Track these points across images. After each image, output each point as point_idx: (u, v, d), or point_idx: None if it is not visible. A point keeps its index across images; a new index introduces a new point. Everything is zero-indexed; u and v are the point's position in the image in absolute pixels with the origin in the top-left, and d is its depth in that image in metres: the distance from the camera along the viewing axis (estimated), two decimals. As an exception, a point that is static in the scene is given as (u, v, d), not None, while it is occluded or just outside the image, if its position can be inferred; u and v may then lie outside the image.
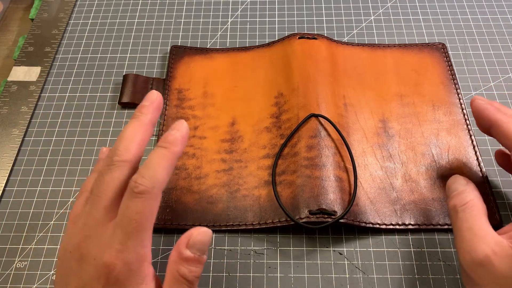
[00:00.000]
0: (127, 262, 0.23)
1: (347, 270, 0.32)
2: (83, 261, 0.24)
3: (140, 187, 0.24)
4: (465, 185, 0.29)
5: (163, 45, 0.45)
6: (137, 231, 0.23)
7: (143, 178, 0.24)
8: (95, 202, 0.25)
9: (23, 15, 0.51)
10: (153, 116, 0.28)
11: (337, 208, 0.32)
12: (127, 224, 0.23)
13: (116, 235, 0.23)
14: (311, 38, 0.41)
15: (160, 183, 0.24)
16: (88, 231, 0.24)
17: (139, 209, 0.23)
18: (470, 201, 0.27)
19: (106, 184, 0.25)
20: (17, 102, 0.41)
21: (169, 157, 0.25)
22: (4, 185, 0.37)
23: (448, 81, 0.41)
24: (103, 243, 0.24)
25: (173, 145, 0.26)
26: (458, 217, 0.27)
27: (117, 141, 0.26)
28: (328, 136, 0.35)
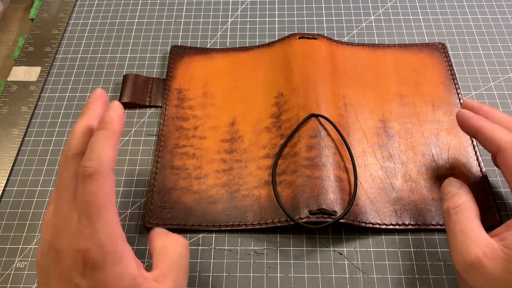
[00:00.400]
0: (99, 243, 0.23)
1: (347, 270, 0.32)
2: (58, 256, 0.24)
3: (89, 170, 0.24)
4: (459, 187, 0.29)
5: (163, 45, 0.45)
6: (98, 212, 0.24)
7: (89, 160, 0.24)
8: (59, 199, 0.25)
9: (23, 15, 0.51)
10: (100, 111, 0.28)
11: (337, 208, 0.32)
12: (86, 208, 0.24)
13: (82, 221, 0.24)
14: (311, 38, 0.41)
15: (106, 161, 0.25)
16: (58, 228, 0.25)
17: (93, 190, 0.24)
18: (462, 203, 0.28)
19: (65, 179, 0.25)
20: (17, 102, 0.41)
21: (110, 136, 0.26)
22: (4, 185, 0.37)
23: (448, 81, 0.41)
24: (72, 234, 0.24)
25: (111, 124, 0.26)
26: (451, 220, 0.28)
27: (69, 138, 0.27)
28: (328, 136, 0.35)
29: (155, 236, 0.27)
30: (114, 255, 0.24)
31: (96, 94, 0.29)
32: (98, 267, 0.23)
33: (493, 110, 0.31)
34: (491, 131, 0.29)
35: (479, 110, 0.31)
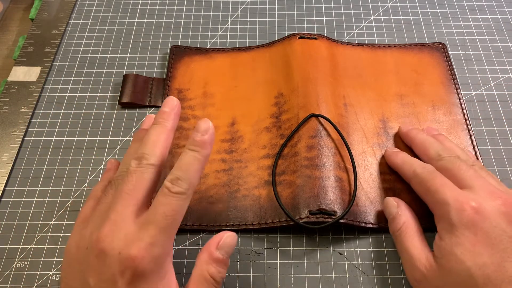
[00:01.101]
0: (155, 256, 0.24)
1: (347, 270, 0.32)
2: (105, 256, 0.24)
3: (177, 188, 0.25)
4: (396, 207, 0.31)
5: (163, 45, 0.45)
6: (170, 227, 0.24)
7: (179, 180, 0.25)
8: (124, 200, 0.25)
9: (23, 15, 0.51)
10: (174, 122, 0.29)
11: (337, 208, 0.32)
12: (161, 220, 0.24)
13: (148, 229, 0.24)
14: (311, 38, 0.41)
15: (194, 185, 0.26)
16: (113, 227, 0.24)
17: (174, 207, 0.25)
18: (403, 224, 0.30)
19: (136, 184, 0.26)
20: (17, 102, 0.41)
21: (201, 160, 0.26)
22: (4, 185, 0.37)
23: (448, 81, 0.41)
24: (130, 238, 0.24)
25: (203, 148, 0.26)
26: (397, 241, 0.30)
27: (143, 145, 0.27)
28: (328, 136, 0.35)
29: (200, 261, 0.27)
30: (161, 271, 0.24)
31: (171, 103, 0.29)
32: (145, 279, 0.24)
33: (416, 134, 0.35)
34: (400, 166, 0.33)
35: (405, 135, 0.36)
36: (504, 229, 0.26)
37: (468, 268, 0.25)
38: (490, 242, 0.26)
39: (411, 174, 0.31)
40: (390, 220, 0.31)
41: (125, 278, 0.23)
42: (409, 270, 0.29)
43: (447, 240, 0.27)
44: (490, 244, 0.26)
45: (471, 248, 0.26)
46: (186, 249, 0.33)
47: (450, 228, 0.27)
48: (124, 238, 0.24)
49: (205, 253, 0.27)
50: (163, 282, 0.25)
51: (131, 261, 0.23)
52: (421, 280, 0.27)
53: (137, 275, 0.23)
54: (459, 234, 0.26)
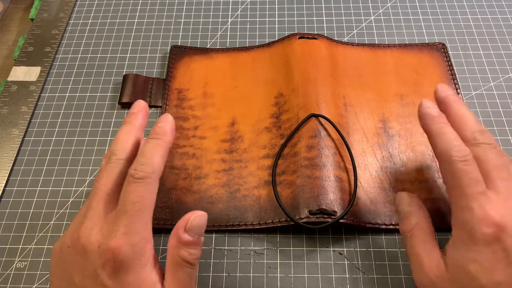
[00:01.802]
0: (132, 243, 0.24)
1: (347, 270, 0.32)
2: (86, 251, 0.24)
3: (140, 173, 0.25)
4: (409, 205, 0.29)
5: (163, 45, 0.45)
6: (140, 213, 0.25)
7: (142, 165, 0.26)
8: (95, 196, 0.26)
9: (23, 15, 0.51)
10: (143, 121, 0.30)
11: (337, 208, 0.32)
12: (130, 207, 0.25)
13: (120, 219, 0.25)
14: (311, 38, 0.41)
15: (157, 169, 0.26)
16: (89, 223, 0.25)
17: (140, 193, 0.25)
18: (415, 226, 0.28)
19: (105, 179, 0.27)
20: (17, 102, 0.41)
21: (162, 146, 0.27)
22: (4, 185, 0.37)
23: (448, 81, 0.41)
24: (106, 231, 0.25)
25: (164, 135, 0.28)
26: (407, 243, 0.29)
27: (113, 143, 0.29)
28: (328, 136, 0.35)
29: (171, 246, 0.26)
30: (142, 258, 0.25)
31: (139, 105, 0.31)
32: (126, 268, 0.24)
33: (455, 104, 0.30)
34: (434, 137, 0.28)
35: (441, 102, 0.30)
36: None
37: (482, 285, 0.24)
38: (508, 261, 0.24)
39: (444, 154, 0.27)
40: (401, 218, 0.29)
41: (107, 270, 0.24)
42: (417, 275, 0.28)
43: (463, 252, 0.25)
44: (508, 264, 0.24)
45: (488, 265, 0.24)
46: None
47: (468, 240, 0.25)
48: (100, 232, 0.25)
49: (173, 237, 0.26)
50: (146, 269, 0.25)
51: (110, 253, 0.24)
52: (429, 286, 0.26)
53: (117, 265, 0.24)
54: (477, 250, 0.25)
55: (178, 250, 0.26)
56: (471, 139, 0.28)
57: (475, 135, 0.28)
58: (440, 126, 0.28)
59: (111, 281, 0.24)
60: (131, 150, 0.28)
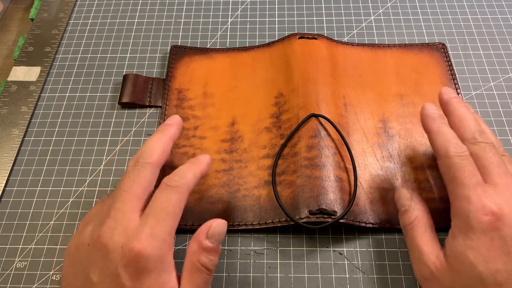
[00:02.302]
0: (156, 247, 0.24)
1: (347, 270, 0.32)
2: (108, 250, 0.24)
3: (173, 182, 0.27)
4: (409, 199, 0.30)
5: (163, 45, 0.45)
6: (167, 217, 0.25)
7: (177, 176, 0.28)
8: (122, 197, 0.26)
9: (23, 15, 0.51)
10: (174, 133, 0.31)
11: (337, 208, 0.32)
12: (159, 211, 0.25)
13: (147, 222, 0.25)
14: (311, 38, 0.41)
15: (189, 183, 0.28)
16: (112, 223, 0.25)
17: (170, 198, 0.26)
18: (415, 219, 0.29)
19: (131, 181, 0.27)
20: (17, 102, 0.41)
21: (197, 168, 0.29)
22: (4, 185, 0.37)
23: (448, 81, 0.41)
24: (131, 232, 0.25)
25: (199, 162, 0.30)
26: (407, 236, 0.29)
27: (142, 148, 0.29)
28: (328, 136, 0.35)
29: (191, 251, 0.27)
30: (163, 264, 0.25)
31: (174, 119, 0.32)
32: (148, 270, 0.24)
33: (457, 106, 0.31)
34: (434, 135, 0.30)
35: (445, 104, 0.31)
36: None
37: (480, 272, 0.25)
38: (507, 250, 0.25)
39: (442, 152, 0.28)
40: (401, 212, 0.30)
41: (129, 271, 0.24)
42: (417, 267, 0.28)
43: (461, 241, 0.26)
44: (506, 252, 0.25)
45: (486, 253, 0.25)
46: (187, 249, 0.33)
47: (466, 229, 0.26)
48: (124, 232, 0.25)
49: (195, 243, 0.27)
50: (165, 275, 0.25)
51: (133, 254, 0.24)
52: (429, 278, 0.27)
53: (140, 267, 0.24)
54: (475, 238, 0.25)
55: (198, 256, 0.26)
56: (470, 138, 0.29)
57: (474, 135, 0.29)
58: (439, 126, 0.30)
59: (131, 282, 0.24)
60: (159, 156, 0.29)
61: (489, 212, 0.25)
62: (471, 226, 0.26)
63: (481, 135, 0.29)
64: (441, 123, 0.30)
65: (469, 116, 0.30)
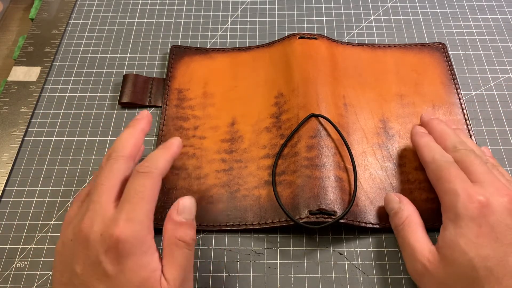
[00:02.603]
0: (134, 230, 0.25)
1: (347, 270, 0.32)
2: (88, 241, 0.25)
3: (145, 168, 0.28)
4: (399, 202, 0.31)
5: (163, 45, 0.45)
6: (142, 202, 0.26)
7: (147, 161, 0.28)
8: (98, 191, 0.27)
9: (23, 15, 0.51)
10: (145, 126, 0.32)
11: (337, 208, 0.32)
12: (133, 196, 0.26)
13: (124, 208, 0.26)
14: (311, 38, 0.41)
15: (160, 168, 0.28)
16: (91, 214, 0.26)
17: (143, 183, 0.27)
18: (406, 219, 0.30)
19: (107, 174, 0.28)
20: (17, 102, 0.41)
21: (168, 152, 0.30)
22: (4, 185, 0.37)
23: (448, 81, 0.41)
24: (108, 220, 0.25)
25: (171, 145, 0.31)
26: (399, 236, 0.30)
27: (115, 142, 0.30)
28: (328, 136, 0.35)
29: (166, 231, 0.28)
30: (143, 245, 0.25)
31: (143, 113, 0.33)
32: (128, 253, 0.25)
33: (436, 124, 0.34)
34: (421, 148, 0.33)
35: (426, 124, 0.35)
36: (509, 225, 0.26)
37: (470, 259, 0.26)
38: (495, 236, 0.26)
39: (429, 159, 0.31)
40: (392, 215, 0.32)
41: (109, 256, 0.24)
42: (410, 264, 0.29)
43: (451, 230, 0.27)
44: (495, 238, 0.26)
45: (475, 239, 0.26)
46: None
47: (455, 218, 0.27)
48: (102, 221, 0.26)
49: (168, 222, 0.28)
50: (146, 256, 0.25)
51: (113, 239, 0.24)
52: (423, 273, 0.28)
53: (120, 251, 0.24)
54: (464, 225, 0.27)
55: (174, 232, 0.27)
56: (451, 148, 0.32)
57: (455, 145, 0.32)
58: (426, 140, 0.33)
59: (113, 266, 0.24)
60: (131, 149, 0.30)
61: (475, 201, 0.27)
62: (460, 214, 0.27)
63: (461, 144, 0.32)
64: (428, 138, 0.33)
65: (449, 130, 0.33)
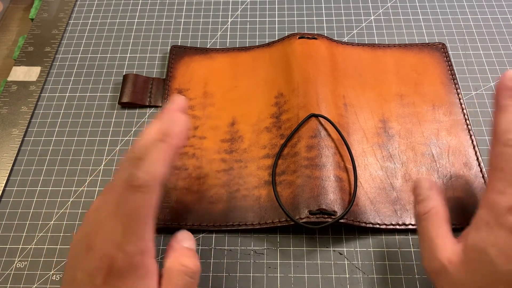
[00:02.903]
0: (128, 254, 0.23)
1: (347, 270, 0.32)
2: (89, 250, 0.24)
3: (139, 181, 0.23)
4: (429, 189, 0.28)
5: (163, 45, 0.45)
6: (135, 224, 0.23)
7: (142, 171, 0.23)
8: (108, 197, 0.25)
9: (23, 15, 0.51)
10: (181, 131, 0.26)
11: (337, 208, 0.32)
12: (125, 217, 0.23)
13: (117, 228, 0.23)
14: (311, 38, 0.41)
15: (158, 177, 0.24)
16: (98, 222, 0.24)
17: (138, 203, 0.23)
18: (432, 209, 0.28)
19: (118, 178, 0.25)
20: (17, 102, 0.41)
21: (169, 151, 0.24)
22: (4, 185, 0.37)
23: (448, 81, 0.41)
24: (107, 235, 0.23)
25: (173, 139, 0.25)
26: (421, 226, 0.28)
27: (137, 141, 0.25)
28: (328, 136, 0.35)
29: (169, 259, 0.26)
30: (139, 270, 0.24)
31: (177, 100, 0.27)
32: (120, 276, 0.23)
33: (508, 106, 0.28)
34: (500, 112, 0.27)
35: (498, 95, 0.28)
36: None
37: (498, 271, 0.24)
38: None
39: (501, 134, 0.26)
40: (417, 201, 0.29)
41: (101, 275, 0.23)
42: (428, 260, 0.27)
43: (484, 234, 0.25)
44: None
45: (509, 253, 0.24)
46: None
47: (493, 223, 0.24)
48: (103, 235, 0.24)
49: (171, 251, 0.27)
50: (144, 281, 0.24)
51: (106, 259, 0.23)
52: (440, 272, 0.26)
53: (111, 274, 0.23)
54: (500, 235, 0.24)
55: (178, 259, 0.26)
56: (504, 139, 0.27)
57: None
58: (509, 104, 0.27)
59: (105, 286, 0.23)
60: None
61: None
62: (500, 222, 0.24)
63: None
64: None
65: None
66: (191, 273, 0.25)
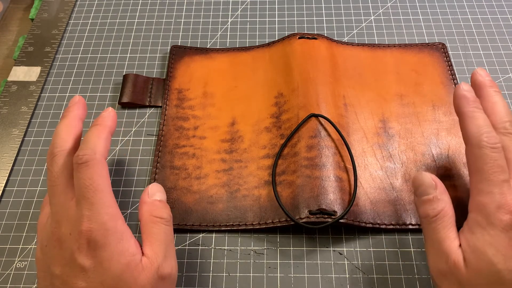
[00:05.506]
0: (101, 222, 0.25)
1: (347, 270, 0.32)
2: (61, 242, 0.25)
3: (83, 157, 0.26)
4: (434, 188, 0.28)
5: (163, 45, 0.45)
6: (96, 193, 0.26)
7: (84, 150, 0.27)
8: (53, 191, 0.27)
9: (23, 15, 0.51)
10: (79, 112, 0.31)
11: (337, 208, 0.32)
12: (84, 191, 0.26)
13: (81, 205, 0.25)
14: (311, 38, 0.41)
15: (99, 151, 0.27)
16: (57, 218, 0.26)
17: (89, 175, 0.26)
18: (441, 211, 0.27)
19: (56, 172, 0.27)
20: (17, 102, 0.41)
21: (103, 130, 0.29)
22: (4, 185, 0.37)
23: (448, 81, 0.41)
24: (73, 218, 0.25)
25: (103, 121, 0.30)
26: (429, 228, 0.27)
27: (53, 138, 0.29)
28: (328, 136, 0.35)
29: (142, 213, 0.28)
30: (115, 233, 0.25)
31: (74, 100, 0.32)
32: (101, 245, 0.25)
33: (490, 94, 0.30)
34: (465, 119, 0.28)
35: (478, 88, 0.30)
36: None
37: (498, 271, 0.24)
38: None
39: (473, 139, 0.27)
40: (423, 200, 0.28)
41: (83, 252, 0.25)
42: (434, 261, 0.27)
43: (479, 236, 0.25)
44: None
45: (504, 251, 0.24)
46: (186, 249, 0.33)
47: (485, 224, 0.25)
48: (69, 220, 0.26)
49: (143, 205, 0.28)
50: (122, 243, 0.25)
51: (82, 236, 0.25)
52: (446, 273, 0.26)
53: (92, 245, 0.25)
54: (494, 234, 0.25)
55: (150, 211, 0.28)
56: (500, 127, 0.28)
57: (505, 125, 0.28)
58: (473, 110, 0.28)
59: (89, 260, 0.25)
60: (72, 141, 0.29)
61: (510, 211, 0.24)
62: (491, 222, 0.25)
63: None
64: (475, 107, 0.28)
65: (502, 103, 0.29)
66: (166, 221, 0.28)
